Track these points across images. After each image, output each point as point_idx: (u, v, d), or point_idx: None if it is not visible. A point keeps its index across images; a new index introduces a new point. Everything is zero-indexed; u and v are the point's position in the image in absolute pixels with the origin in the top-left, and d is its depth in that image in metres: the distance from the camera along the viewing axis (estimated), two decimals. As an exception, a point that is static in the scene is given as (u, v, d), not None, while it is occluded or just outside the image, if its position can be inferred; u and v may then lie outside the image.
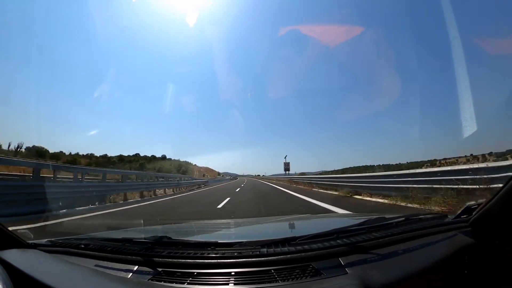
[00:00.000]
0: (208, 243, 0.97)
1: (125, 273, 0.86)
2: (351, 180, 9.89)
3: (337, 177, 12.77)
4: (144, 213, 6.68)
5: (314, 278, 0.77)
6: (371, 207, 6.06)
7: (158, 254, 0.92)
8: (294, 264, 0.84)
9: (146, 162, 60.25)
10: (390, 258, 0.87)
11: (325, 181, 13.31)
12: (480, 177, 4.37)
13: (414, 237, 1.03)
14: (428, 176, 5.87)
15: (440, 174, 5.47)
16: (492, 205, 0.96)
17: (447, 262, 0.88)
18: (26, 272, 0.79)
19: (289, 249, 0.89)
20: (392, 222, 1.14)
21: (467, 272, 0.86)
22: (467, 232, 1.04)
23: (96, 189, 8.66)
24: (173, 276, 0.82)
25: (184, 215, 6.07)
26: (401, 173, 7.33)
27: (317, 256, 0.86)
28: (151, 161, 62.09)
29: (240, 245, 0.92)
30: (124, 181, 10.90)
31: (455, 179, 4.85)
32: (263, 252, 0.88)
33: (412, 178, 6.34)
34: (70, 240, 1.17)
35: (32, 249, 1.07)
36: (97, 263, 0.94)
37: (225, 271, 0.82)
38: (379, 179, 8.06)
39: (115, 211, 6.87)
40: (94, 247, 1.05)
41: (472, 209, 1.10)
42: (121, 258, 0.95)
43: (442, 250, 0.94)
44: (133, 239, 1.06)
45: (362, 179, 9.27)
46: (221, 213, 6.04)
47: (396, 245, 0.96)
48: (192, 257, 0.89)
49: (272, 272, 0.80)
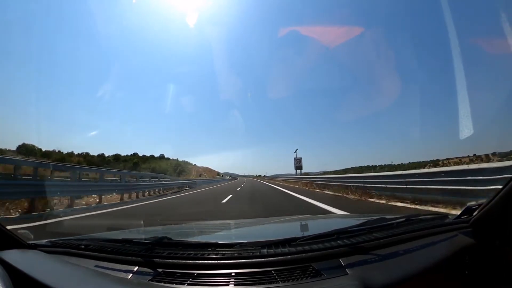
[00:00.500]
0: (208, 243, 0.97)
1: (125, 274, 0.86)
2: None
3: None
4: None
5: (315, 278, 0.77)
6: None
7: (158, 254, 0.92)
8: (295, 264, 0.84)
9: (142, 161, 59.69)
10: (390, 259, 0.87)
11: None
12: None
13: (414, 238, 1.03)
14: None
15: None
16: (493, 205, 0.96)
17: (448, 262, 0.88)
18: (26, 272, 0.79)
19: (289, 250, 0.89)
20: (393, 223, 1.14)
21: (467, 272, 0.86)
22: (468, 232, 1.04)
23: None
24: (173, 277, 0.82)
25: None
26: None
27: (317, 257, 0.86)
28: (147, 161, 61.59)
29: (241, 246, 0.92)
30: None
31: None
32: (263, 252, 0.88)
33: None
34: (70, 240, 1.17)
35: (32, 250, 1.07)
36: (97, 264, 0.94)
37: (225, 272, 0.82)
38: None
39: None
40: (94, 248, 1.05)
41: (473, 209, 1.10)
42: (121, 259, 0.95)
43: (443, 250, 0.94)
44: (133, 240, 1.06)
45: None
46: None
47: (396, 246, 0.96)
48: (192, 257, 0.89)
49: (273, 273, 0.80)
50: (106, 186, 10.52)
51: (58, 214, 6.23)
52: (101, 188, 9.80)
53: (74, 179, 10.09)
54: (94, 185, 10.23)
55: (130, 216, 6.32)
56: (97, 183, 10.79)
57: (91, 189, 9.31)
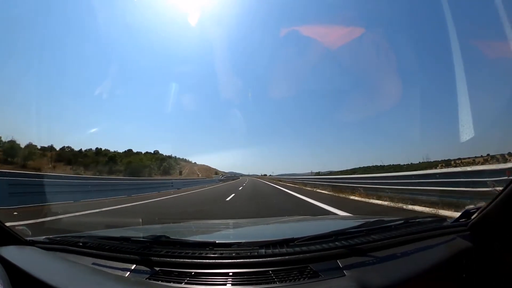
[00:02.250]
0: (206, 243, 0.97)
1: (123, 272, 0.86)
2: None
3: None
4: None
5: (312, 279, 0.77)
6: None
7: (156, 253, 0.92)
8: (292, 265, 0.84)
9: (127, 156, 53.71)
10: (388, 261, 0.87)
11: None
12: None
13: (412, 240, 1.03)
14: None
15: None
16: (491, 209, 0.96)
17: (446, 265, 0.88)
18: (24, 269, 0.79)
19: (287, 250, 0.89)
20: (391, 225, 1.14)
21: (465, 275, 0.86)
22: (466, 236, 1.04)
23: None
24: (171, 276, 0.82)
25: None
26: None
27: (315, 258, 0.86)
28: (132, 156, 55.61)
29: (239, 246, 0.92)
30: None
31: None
32: (261, 253, 0.88)
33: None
34: (68, 237, 1.17)
35: (30, 246, 1.07)
36: (95, 261, 0.94)
37: (223, 271, 0.82)
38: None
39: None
40: (92, 245, 1.05)
41: (471, 213, 1.10)
42: (118, 257, 0.95)
43: (441, 253, 0.94)
44: (131, 238, 1.06)
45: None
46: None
47: (394, 248, 0.96)
48: (190, 256, 0.89)
49: (270, 273, 0.80)
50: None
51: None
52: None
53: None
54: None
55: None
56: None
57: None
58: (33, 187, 7.92)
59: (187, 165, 78.28)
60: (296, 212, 5.76)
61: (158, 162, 59.16)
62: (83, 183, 11.88)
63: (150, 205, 8.48)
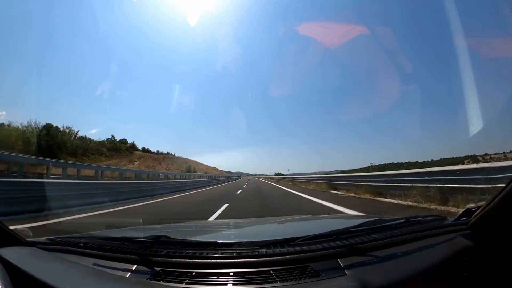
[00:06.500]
0: (207, 243, 0.97)
1: (124, 272, 0.86)
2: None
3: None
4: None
5: (313, 279, 0.77)
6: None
7: (156, 253, 0.92)
8: (293, 265, 0.84)
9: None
10: (389, 260, 0.87)
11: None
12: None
13: (413, 239, 1.03)
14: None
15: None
16: (492, 207, 0.96)
17: (446, 264, 0.88)
18: (25, 270, 0.80)
19: (288, 250, 0.89)
20: (391, 224, 1.14)
21: (466, 274, 0.86)
22: (467, 234, 1.03)
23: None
24: (172, 276, 0.82)
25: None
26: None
27: (316, 257, 0.86)
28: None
29: (239, 245, 0.92)
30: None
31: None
32: (262, 252, 0.88)
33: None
34: (69, 238, 1.17)
35: (31, 247, 1.07)
36: (96, 262, 0.94)
37: (224, 271, 0.82)
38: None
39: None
40: (93, 246, 1.05)
41: (472, 211, 1.10)
42: (119, 257, 0.95)
43: (441, 252, 0.94)
44: (132, 238, 1.06)
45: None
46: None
47: (395, 247, 0.96)
48: (191, 256, 0.88)
49: (271, 273, 0.80)
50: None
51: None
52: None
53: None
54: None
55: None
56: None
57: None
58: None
59: (181, 159, 76.20)
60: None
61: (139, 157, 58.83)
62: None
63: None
